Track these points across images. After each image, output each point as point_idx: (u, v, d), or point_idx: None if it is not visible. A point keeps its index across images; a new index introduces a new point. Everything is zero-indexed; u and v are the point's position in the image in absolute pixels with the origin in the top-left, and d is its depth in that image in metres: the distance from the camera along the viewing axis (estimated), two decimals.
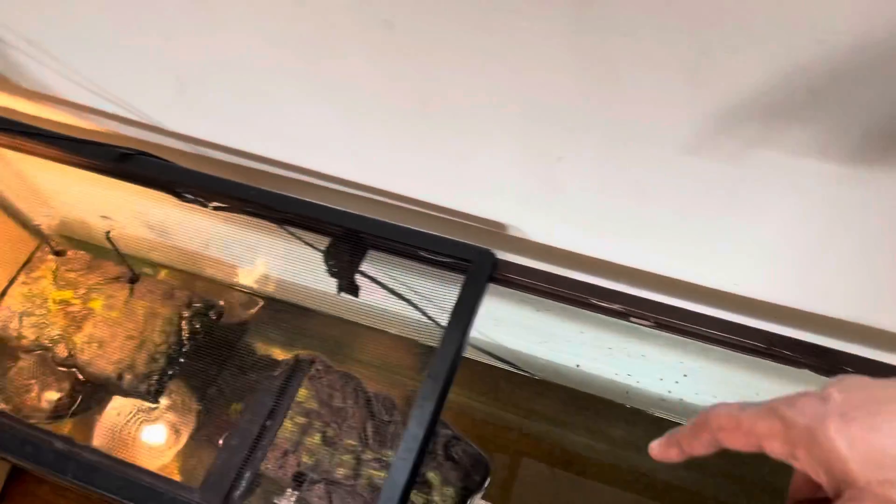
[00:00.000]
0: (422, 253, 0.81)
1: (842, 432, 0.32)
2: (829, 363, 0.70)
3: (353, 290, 0.85)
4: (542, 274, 0.80)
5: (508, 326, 0.97)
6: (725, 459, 0.99)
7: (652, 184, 0.66)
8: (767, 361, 0.74)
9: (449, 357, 0.73)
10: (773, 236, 0.68)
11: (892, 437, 0.31)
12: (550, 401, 1.07)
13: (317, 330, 1.09)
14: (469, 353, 1.07)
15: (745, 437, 0.35)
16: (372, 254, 0.87)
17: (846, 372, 0.70)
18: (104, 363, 1.09)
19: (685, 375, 0.87)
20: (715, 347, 0.78)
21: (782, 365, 0.73)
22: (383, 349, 1.03)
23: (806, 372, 0.71)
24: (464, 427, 1.02)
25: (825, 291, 0.72)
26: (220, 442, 0.75)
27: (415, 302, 0.87)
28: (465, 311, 0.76)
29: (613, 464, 1.04)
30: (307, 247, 0.91)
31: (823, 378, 0.71)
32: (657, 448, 0.40)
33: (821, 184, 0.58)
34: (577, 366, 0.97)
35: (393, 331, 0.99)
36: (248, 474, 0.72)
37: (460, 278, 0.78)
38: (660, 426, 1.01)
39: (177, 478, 0.89)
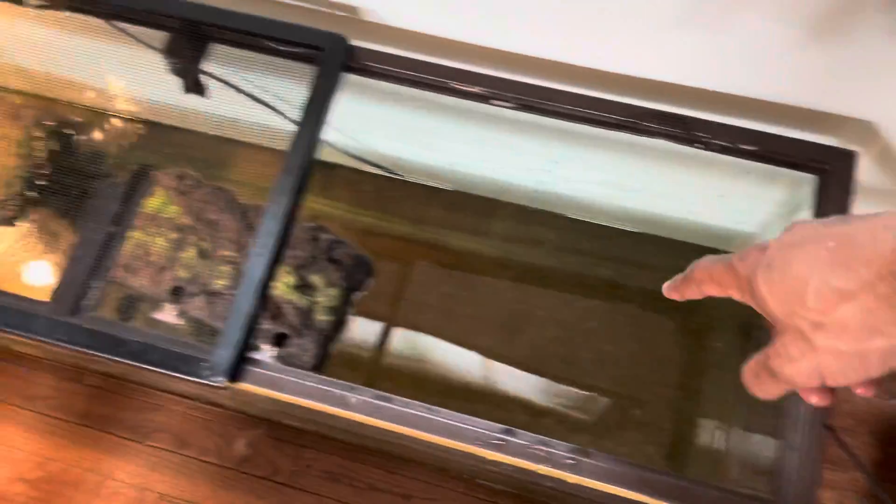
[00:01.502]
0: (268, 43, 0.75)
1: (764, 278, 0.36)
2: (686, 131, 0.70)
3: (199, 89, 0.79)
4: (401, 60, 0.75)
5: (379, 129, 0.93)
6: (600, 242, 1.02)
7: None
8: (630, 136, 0.74)
9: (303, 150, 0.69)
10: (631, 4, 0.65)
11: (797, 276, 0.34)
12: (433, 205, 1.06)
13: (181, 146, 1.03)
14: (346, 162, 1.03)
15: (717, 286, 0.40)
16: (218, 52, 0.80)
17: (700, 139, 0.70)
18: None
19: (555, 162, 0.86)
20: (579, 127, 0.76)
21: (643, 138, 0.72)
22: (251, 162, 0.98)
23: (662, 142, 0.71)
24: (349, 239, 1.01)
25: (680, 60, 0.71)
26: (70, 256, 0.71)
27: (270, 103, 0.82)
28: (319, 101, 0.71)
29: (499, 258, 1.05)
30: (150, 51, 0.82)
31: (681, 147, 0.71)
32: (666, 290, 0.46)
33: None
34: (451, 164, 0.95)
35: (258, 141, 0.94)
36: (95, 283, 0.69)
37: (314, 71, 0.73)
38: (538, 218, 1.02)
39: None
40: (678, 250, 0.99)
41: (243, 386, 0.65)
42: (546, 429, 0.98)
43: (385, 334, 1.08)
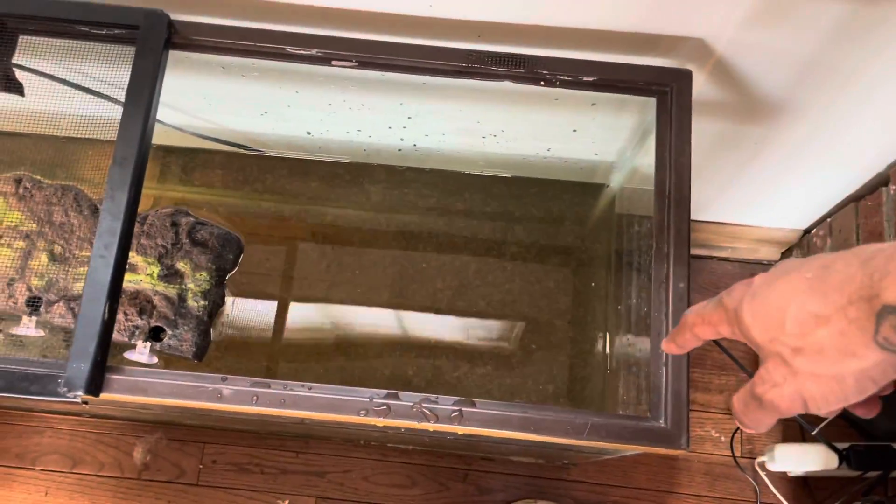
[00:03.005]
0: (81, 28, 0.69)
1: (748, 308, 0.38)
2: (528, 70, 0.70)
3: (16, 87, 0.72)
4: (229, 30, 0.71)
5: (227, 105, 0.89)
6: (473, 192, 1.02)
7: None
8: (476, 82, 0.73)
9: (134, 138, 0.65)
10: None
11: (776, 303, 0.37)
12: (299, 177, 1.03)
13: (14, 152, 0.95)
14: (200, 145, 0.98)
15: (709, 326, 0.42)
16: (31, 44, 0.74)
17: (543, 77, 0.70)
18: None
19: (409, 118, 0.85)
20: (426, 79, 0.75)
21: (486, 82, 0.72)
22: (94, 157, 0.92)
23: (508, 84, 0.71)
24: (212, 219, 0.97)
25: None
26: None
27: (99, 91, 0.76)
28: (143, 83, 0.66)
29: (376, 222, 1.03)
30: None
31: (526, 87, 0.71)
32: (664, 346, 0.48)
33: None
34: (308, 133, 0.92)
35: (96, 134, 0.87)
36: None
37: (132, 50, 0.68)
38: (408, 176, 1.01)
39: None
40: (549, 189, 1.00)
41: (108, 396, 0.61)
42: (456, 368, 0.98)
43: (272, 313, 1.05)
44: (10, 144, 0.99)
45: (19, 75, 0.79)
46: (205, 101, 0.86)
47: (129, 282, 0.84)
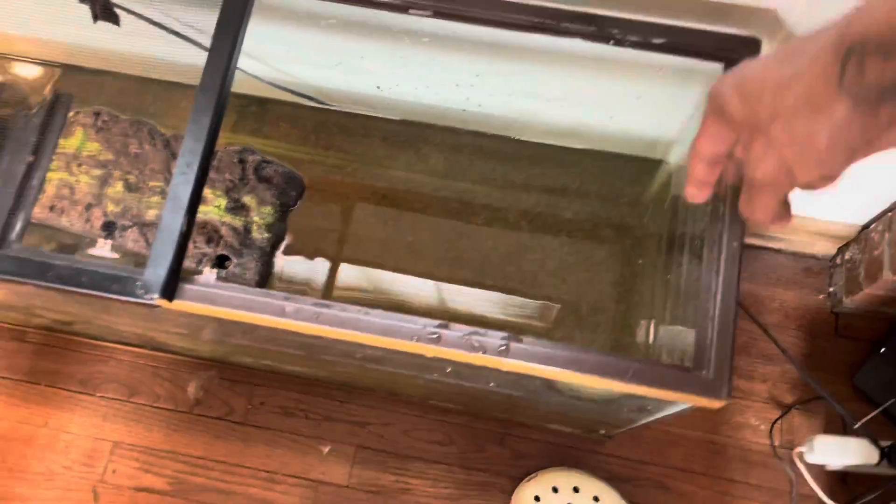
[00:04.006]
0: None
1: (732, 92, 0.40)
2: (599, 28, 0.72)
3: (111, 16, 0.77)
4: None
5: (301, 55, 0.92)
6: (530, 160, 1.04)
7: None
8: (546, 42, 0.75)
9: (220, 65, 0.69)
10: None
11: (752, 80, 0.39)
12: (362, 134, 1.06)
13: (97, 87, 1.01)
14: (271, 95, 1.03)
15: (711, 139, 0.44)
16: None
17: (612, 36, 0.72)
18: None
19: (477, 76, 0.87)
20: (497, 35, 0.77)
21: (559, 41, 0.74)
22: (171, 97, 0.97)
23: (577, 43, 0.73)
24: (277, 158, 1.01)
25: None
26: None
27: (183, 33, 0.81)
28: (234, 12, 0.70)
29: (433, 184, 1.06)
30: None
31: (595, 47, 0.73)
32: (689, 196, 0.49)
33: None
34: (378, 87, 0.95)
35: (176, 78, 0.93)
36: (21, 214, 0.68)
37: None
38: (468, 141, 1.04)
39: None
40: (607, 162, 1.02)
41: (179, 304, 0.65)
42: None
43: (325, 271, 1.09)
44: (90, 81, 1.05)
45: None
46: (278, 49, 0.90)
47: (199, 213, 0.88)
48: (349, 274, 1.06)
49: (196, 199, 0.66)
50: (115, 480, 1.16)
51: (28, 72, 1.03)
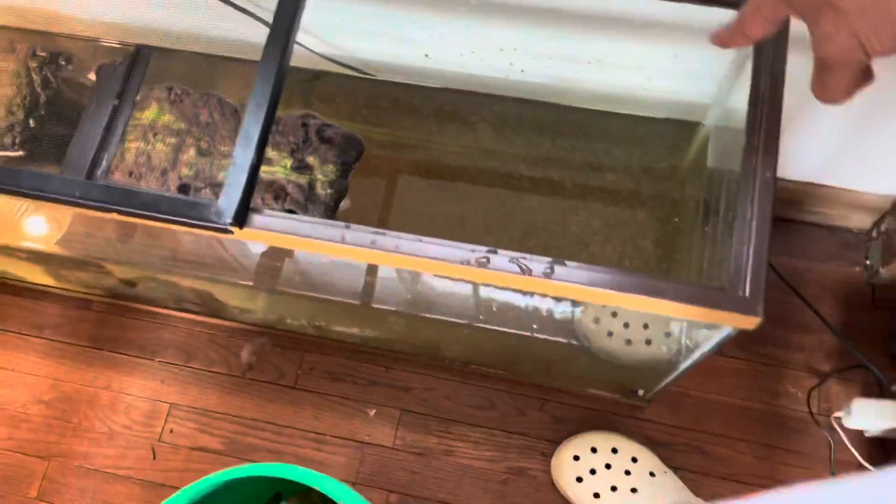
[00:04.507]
0: None
1: None
2: None
3: None
4: None
5: (352, 22, 0.98)
6: (571, 125, 1.08)
7: None
8: (581, 6, 0.80)
9: (283, 31, 0.75)
10: None
11: None
12: (408, 104, 1.11)
13: (168, 65, 1.08)
14: (327, 68, 1.09)
15: (760, 17, 0.44)
16: None
17: None
18: None
19: (519, 40, 0.93)
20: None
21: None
22: (236, 73, 1.04)
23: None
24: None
25: None
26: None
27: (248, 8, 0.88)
28: None
29: (479, 154, 1.11)
30: None
31: (627, 8, 0.78)
32: (723, 36, 0.48)
33: None
34: (426, 55, 1.01)
35: (239, 54, 0.99)
36: (106, 153, 0.75)
37: None
38: (510, 110, 1.09)
39: None
40: (645, 126, 1.06)
41: (249, 232, 0.71)
42: None
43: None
44: (160, 60, 1.13)
45: None
46: (334, 19, 0.96)
47: (265, 173, 0.94)
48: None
49: (264, 137, 0.72)
50: (172, 440, 1.22)
51: (99, 51, 1.11)
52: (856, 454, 1.11)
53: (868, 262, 1.24)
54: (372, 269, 1.13)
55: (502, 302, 1.06)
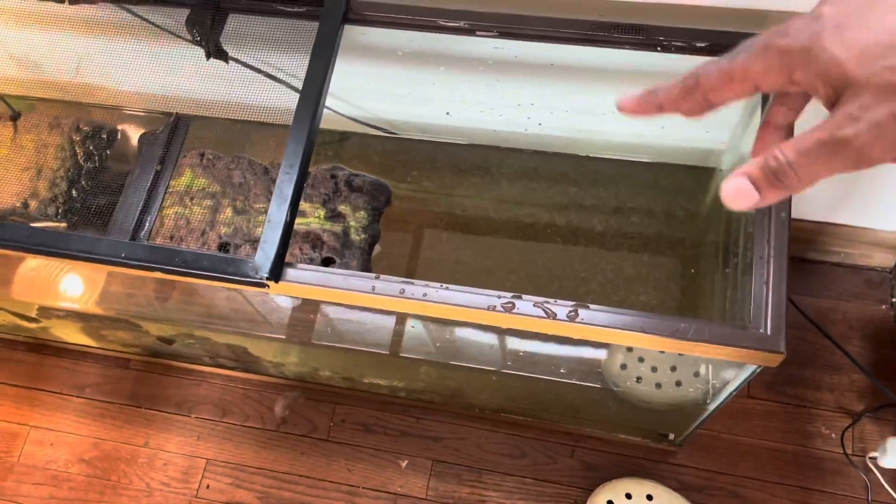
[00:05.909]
0: (278, 6, 0.86)
1: (836, 40, 0.33)
2: (646, 36, 0.81)
3: (222, 55, 0.90)
4: (393, 6, 0.86)
5: (377, 85, 1.03)
6: (589, 176, 1.11)
7: None
8: (595, 59, 0.84)
9: (314, 95, 0.80)
10: None
11: (882, 30, 0.33)
12: (430, 160, 1.16)
13: (199, 131, 1.14)
14: (352, 128, 1.14)
15: (741, 84, 0.37)
16: (229, 31, 0.92)
17: (659, 43, 0.81)
18: (5, 197, 1.12)
19: (536, 96, 0.97)
20: (550, 55, 0.87)
21: (608, 54, 0.83)
22: (265, 137, 1.09)
23: (626, 55, 0.81)
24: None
25: None
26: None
27: (276, 76, 0.93)
28: (325, 47, 0.82)
29: (499, 207, 1.15)
30: (184, 44, 0.94)
31: (643, 58, 0.82)
32: (631, 103, 0.42)
33: None
34: (448, 113, 1.05)
35: (267, 118, 1.04)
36: (149, 217, 0.79)
37: (314, 28, 0.84)
38: (529, 163, 1.12)
39: None
40: (662, 173, 1.09)
41: (284, 285, 0.74)
42: None
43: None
44: (195, 128, 1.19)
45: None
46: (359, 83, 1.01)
47: (301, 224, 0.99)
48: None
49: (297, 195, 0.76)
50: (209, 495, 1.24)
51: (136, 121, 1.17)
52: (893, 494, 1.10)
53: (893, 300, 1.24)
54: (401, 319, 1.15)
55: (527, 351, 1.08)
